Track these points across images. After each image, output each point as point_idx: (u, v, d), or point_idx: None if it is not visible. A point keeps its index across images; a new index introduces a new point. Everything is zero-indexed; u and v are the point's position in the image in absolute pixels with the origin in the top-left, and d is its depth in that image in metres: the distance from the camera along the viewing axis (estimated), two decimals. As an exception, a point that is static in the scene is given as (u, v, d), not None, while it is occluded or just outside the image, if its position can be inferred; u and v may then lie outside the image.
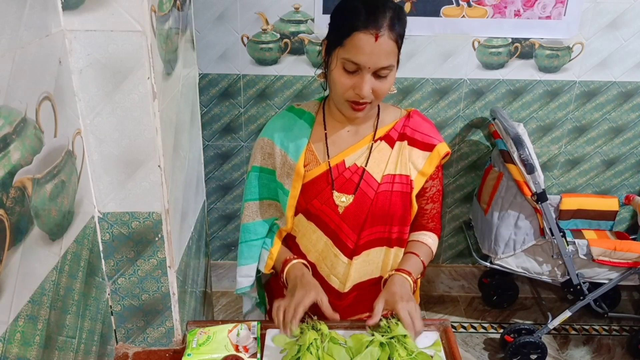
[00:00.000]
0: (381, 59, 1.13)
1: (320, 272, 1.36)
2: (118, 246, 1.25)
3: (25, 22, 0.89)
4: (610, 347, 2.54)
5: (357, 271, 1.34)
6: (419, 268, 1.33)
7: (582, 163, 2.58)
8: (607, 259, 2.13)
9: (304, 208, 1.32)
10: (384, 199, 1.28)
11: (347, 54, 1.14)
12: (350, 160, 1.30)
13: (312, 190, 1.30)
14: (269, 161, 1.36)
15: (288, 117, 1.36)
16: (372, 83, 1.16)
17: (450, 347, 1.18)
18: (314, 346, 1.10)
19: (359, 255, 1.32)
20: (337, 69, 1.18)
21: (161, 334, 1.38)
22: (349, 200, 1.28)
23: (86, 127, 1.13)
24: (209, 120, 2.46)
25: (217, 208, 2.68)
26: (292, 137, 1.32)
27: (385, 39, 1.12)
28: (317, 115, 1.34)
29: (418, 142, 1.31)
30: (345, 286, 1.35)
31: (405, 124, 1.32)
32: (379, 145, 1.30)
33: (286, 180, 1.31)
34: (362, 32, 1.11)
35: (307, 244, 1.35)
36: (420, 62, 2.34)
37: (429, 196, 1.36)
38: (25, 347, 0.92)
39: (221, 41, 2.30)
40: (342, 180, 1.29)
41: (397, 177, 1.29)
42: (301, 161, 1.29)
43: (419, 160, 1.30)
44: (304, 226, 1.34)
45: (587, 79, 2.38)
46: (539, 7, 2.24)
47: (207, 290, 1.84)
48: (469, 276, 2.86)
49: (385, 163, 1.29)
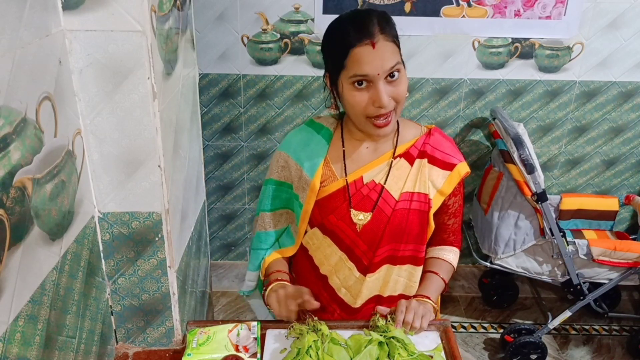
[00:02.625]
0: (385, 61, 1.12)
1: (331, 284, 1.36)
2: (118, 246, 1.25)
3: (26, 22, 0.89)
4: (610, 347, 2.53)
5: (369, 289, 1.33)
6: (439, 287, 1.33)
7: (582, 163, 2.58)
8: (607, 259, 2.13)
9: (320, 222, 1.31)
10: (401, 216, 1.27)
11: (352, 71, 1.13)
12: (368, 176, 1.28)
13: (329, 206, 1.29)
14: (285, 174, 1.36)
15: (306, 131, 1.35)
16: (387, 90, 1.14)
17: (450, 347, 1.18)
18: (313, 348, 1.10)
19: (373, 273, 1.31)
20: (347, 91, 1.16)
21: (161, 334, 1.38)
22: (366, 218, 1.27)
23: (86, 127, 1.13)
24: (209, 120, 2.46)
25: (217, 208, 2.68)
26: (309, 152, 1.31)
27: (382, 43, 1.12)
28: (336, 132, 1.33)
29: (438, 160, 1.29)
30: (356, 302, 1.35)
31: (425, 142, 1.30)
32: (398, 162, 1.29)
33: (302, 193, 1.32)
34: (358, 46, 1.11)
35: (320, 257, 1.35)
36: (420, 62, 2.34)
37: (451, 212, 1.36)
38: (25, 347, 0.92)
39: (221, 41, 2.30)
40: (360, 196, 1.28)
41: (415, 195, 1.28)
42: (317, 178, 1.28)
43: (439, 179, 1.29)
44: (318, 239, 1.33)
45: (587, 79, 2.38)
46: (539, 7, 2.24)
47: (207, 290, 1.84)
48: (469, 276, 2.86)
49: (404, 181, 1.28)
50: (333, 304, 1.36)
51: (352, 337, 1.17)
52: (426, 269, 1.38)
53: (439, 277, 1.35)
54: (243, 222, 2.71)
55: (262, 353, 1.16)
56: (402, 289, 1.36)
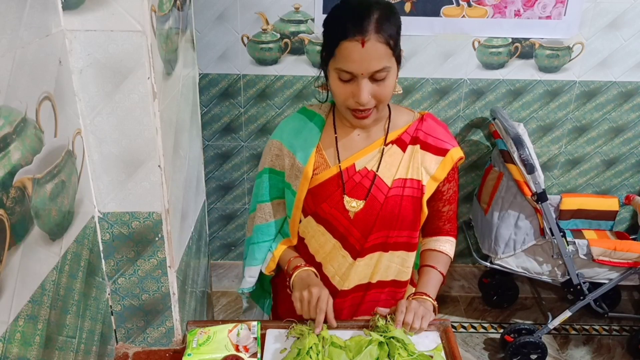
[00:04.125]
0: (372, 63, 1.11)
1: (325, 272, 1.35)
2: (118, 246, 1.25)
3: (26, 22, 0.89)
4: (610, 347, 2.53)
5: (357, 273, 1.33)
6: (438, 282, 1.33)
7: (582, 163, 2.58)
8: (607, 259, 2.13)
9: (313, 211, 1.31)
10: (394, 203, 1.27)
11: (338, 64, 1.13)
12: (360, 163, 1.28)
13: (322, 194, 1.29)
14: (278, 162, 1.35)
15: (299, 119, 1.35)
16: (370, 88, 1.14)
17: (450, 347, 1.18)
18: (314, 349, 1.10)
19: (362, 257, 1.31)
20: (333, 80, 1.17)
21: (161, 333, 1.38)
22: (359, 205, 1.27)
23: (86, 127, 1.13)
24: (209, 120, 2.46)
25: (217, 208, 2.68)
26: (301, 140, 1.31)
27: (372, 43, 1.10)
28: (328, 118, 1.33)
29: (431, 146, 1.28)
30: (344, 285, 1.35)
31: (418, 128, 1.29)
32: (390, 149, 1.28)
33: (294, 182, 1.31)
34: (348, 41, 1.10)
35: (315, 245, 1.35)
36: (420, 62, 2.34)
37: (445, 199, 1.35)
38: (25, 347, 0.92)
39: (221, 41, 2.30)
40: (352, 184, 1.27)
41: (408, 182, 1.27)
42: (310, 165, 1.28)
43: (432, 165, 1.28)
44: (312, 228, 1.33)
45: (587, 79, 2.38)
46: (539, 7, 2.24)
47: (207, 290, 1.84)
48: (469, 276, 2.86)
49: (396, 167, 1.27)
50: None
51: (352, 338, 1.17)
52: (423, 263, 1.38)
53: (437, 271, 1.34)
54: (243, 222, 2.71)
55: (262, 353, 1.16)
56: (395, 275, 1.36)
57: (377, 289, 1.36)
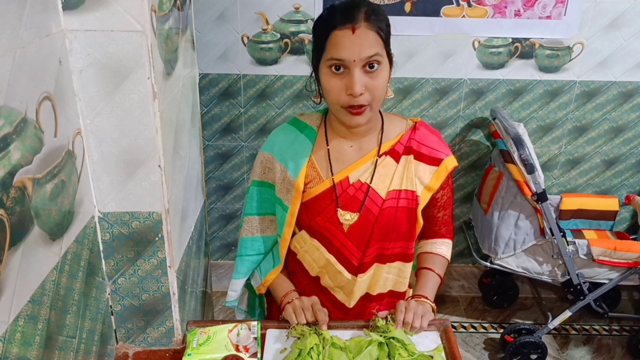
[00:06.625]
0: (364, 48, 1.10)
1: (323, 284, 1.35)
2: (118, 246, 1.25)
3: (26, 22, 0.89)
4: (610, 347, 2.53)
5: (360, 289, 1.32)
6: (435, 284, 1.33)
7: (582, 163, 2.58)
8: (607, 259, 2.13)
9: (307, 225, 1.30)
10: (389, 215, 1.25)
11: (329, 55, 1.13)
12: (354, 176, 1.26)
13: (316, 208, 1.27)
14: (269, 176, 1.33)
15: (289, 130, 1.33)
16: (363, 80, 1.12)
17: (450, 347, 1.18)
18: (314, 350, 1.10)
19: (364, 272, 1.30)
20: (325, 76, 1.16)
21: (161, 334, 1.38)
22: (353, 218, 1.26)
23: (86, 127, 1.13)
24: (209, 120, 2.46)
25: (217, 208, 2.68)
26: (292, 152, 1.28)
27: (363, 30, 1.10)
28: (319, 130, 1.31)
29: (425, 156, 1.27)
30: (350, 302, 1.34)
31: (411, 137, 1.28)
32: (384, 160, 1.26)
33: (285, 196, 1.29)
34: (339, 29, 1.11)
35: (309, 260, 1.33)
36: (420, 62, 2.34)
37: (440, 205, 1.35)
38: (25, 347, 0.92)
39: (221, 41, 2.30)
40: (346, 197, 1.26)
41: (402, 193, 1.26)
42: (301, 178, 1.26)
43: (426, 175, 1.27)
44: (306, 243, 1.32)
45: (587, 79, 2.38)
46: (539, 7, 2.24)
47: (207, 290, 1.84)
48: (469, 276, 2.86)
49: (390, 179, 1.26)
50: (327, 302, 1.34)
51: (352, 338, 1.17)
52: (420, 266, 1.38)
53: (434, 273, 1.34)
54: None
55: (262, 353, 1.16)
56: (392, 286, 1.35)
57: (376, 302, 1.36)
